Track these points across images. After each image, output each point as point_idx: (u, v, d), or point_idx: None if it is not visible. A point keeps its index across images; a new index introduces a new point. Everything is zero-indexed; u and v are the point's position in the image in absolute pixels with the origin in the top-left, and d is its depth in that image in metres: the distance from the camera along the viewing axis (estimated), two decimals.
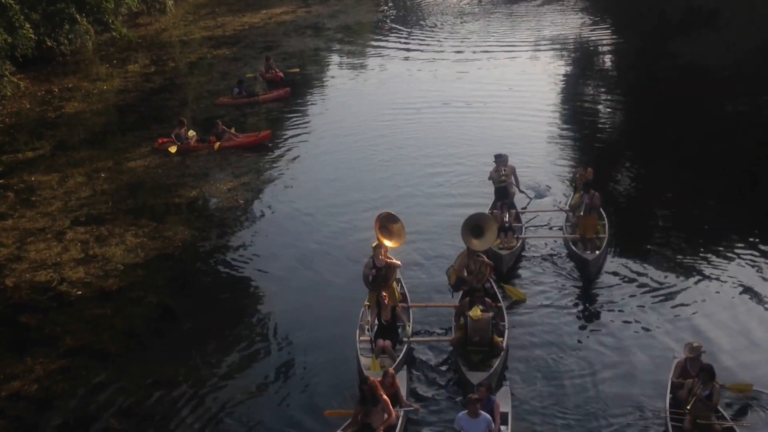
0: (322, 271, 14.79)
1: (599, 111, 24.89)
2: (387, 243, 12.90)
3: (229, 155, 21.10)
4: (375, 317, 12.01)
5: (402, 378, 10.94)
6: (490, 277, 12.98)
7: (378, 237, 12.95)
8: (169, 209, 18.10)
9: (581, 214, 14.87)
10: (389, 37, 35.46)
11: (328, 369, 11.79)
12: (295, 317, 13.31)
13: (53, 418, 10.96)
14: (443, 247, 15.10)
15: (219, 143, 21.39)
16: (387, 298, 11.98)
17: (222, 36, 36.95)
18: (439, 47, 32.71)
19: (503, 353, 11.46)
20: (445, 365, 11.86)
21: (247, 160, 20.88)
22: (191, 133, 21.82)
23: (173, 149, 21.23)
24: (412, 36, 35.43)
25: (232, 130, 21.91)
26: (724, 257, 14.57)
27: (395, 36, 35.70)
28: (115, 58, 33.07)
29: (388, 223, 13.19)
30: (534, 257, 15.01)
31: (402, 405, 10.35)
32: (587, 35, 34.42)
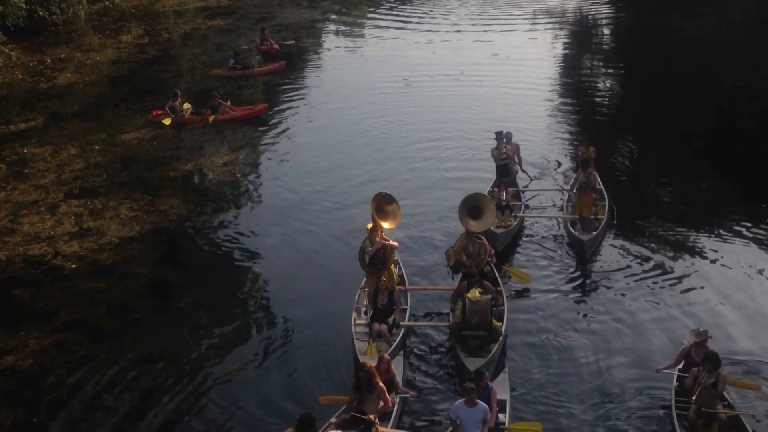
0: (316, 247, 14.65)
1: (599, 86, 24.68)
2: (384, 225, 12.47)
3: (225, 128, 20.89)
4: (372, 301, 11.76)
5: (398, 364, 10.62)
6: (490, 261, 12.61)
7: (374, 218, 12.47)
8: (164, 183, 17.92)
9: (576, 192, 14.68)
10: (386, 10, 35.11)
11: (322, 352, 11.49)
12: (290, 294, 13.18)
13: (47, 392, 10.88)
14: (443, 228, 14.84)
15: (214, 116, 21.15)
16: (385, 281, 11.72)
17: (216, 7, 36.50)
18: (438, 20, 32.37)
19: (502, 338, 11.14)
20: (443, 350, 11.58)
21: (243, 133, 20.67)
22: (186, 106, 21.57)
23: (167, 122, 20.99)
24: (409, 9, 35.05)
25: (228, 103, 21.67)
26: (725, 237, 14.38)
27: (393, 8, 35.32)
28: (108, 28, 32.66)
29: (383, 204, 12.64)
30: (531, 237, 14.77)
31: (398, 391, 10.05)
32: (587, 9, 34.09)
